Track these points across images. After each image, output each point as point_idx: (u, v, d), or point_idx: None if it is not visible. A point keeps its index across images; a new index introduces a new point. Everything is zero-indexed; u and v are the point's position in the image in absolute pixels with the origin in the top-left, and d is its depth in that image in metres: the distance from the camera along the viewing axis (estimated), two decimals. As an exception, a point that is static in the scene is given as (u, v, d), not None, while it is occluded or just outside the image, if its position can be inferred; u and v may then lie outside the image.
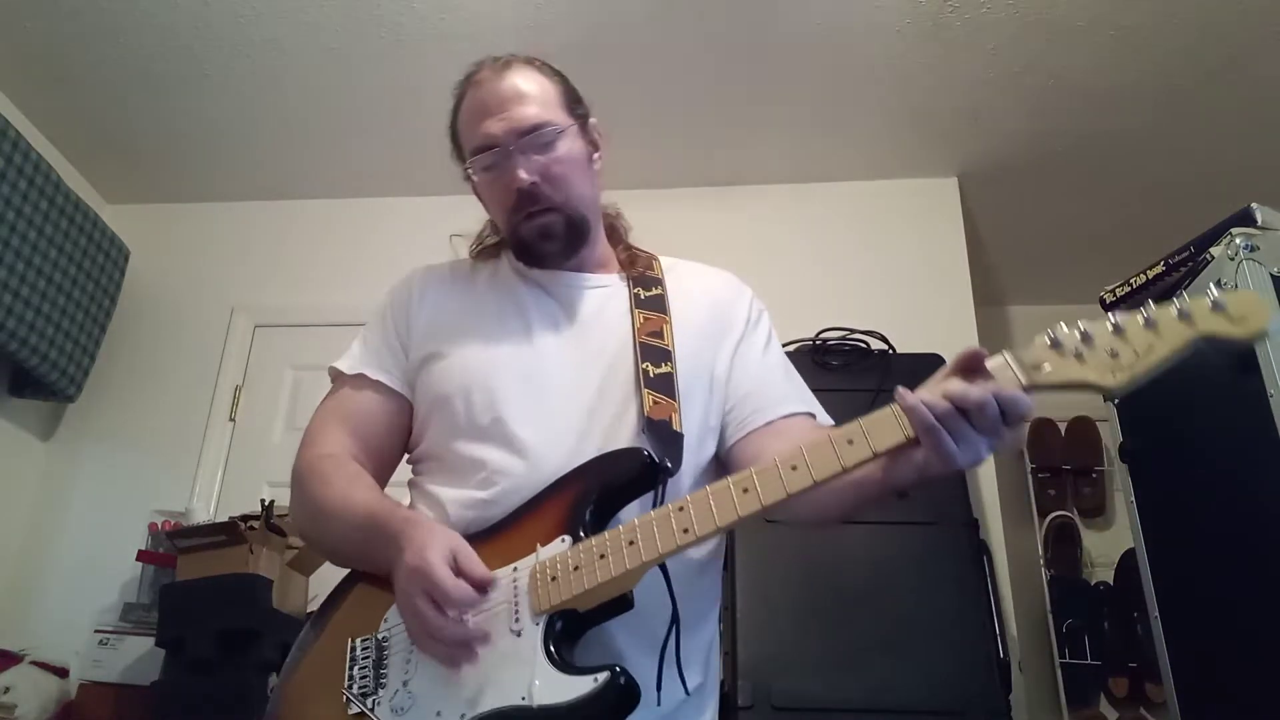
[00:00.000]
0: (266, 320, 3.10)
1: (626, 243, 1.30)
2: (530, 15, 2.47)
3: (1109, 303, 2.08)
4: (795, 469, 0.90)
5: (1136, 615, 2.83)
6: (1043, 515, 3.21)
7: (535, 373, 1.12)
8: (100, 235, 2.88)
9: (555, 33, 2.51)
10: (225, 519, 2.42)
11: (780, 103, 2.77)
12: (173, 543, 2.45)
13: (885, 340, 2.44)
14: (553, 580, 0.94)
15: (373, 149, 3.03)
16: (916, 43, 2.52)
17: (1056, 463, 3.28)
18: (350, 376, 1.20)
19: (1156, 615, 1.91)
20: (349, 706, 0.97)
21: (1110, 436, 2.13)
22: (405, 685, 0.95)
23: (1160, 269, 1.92)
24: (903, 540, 2.09)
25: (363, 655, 1.00)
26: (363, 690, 0.97)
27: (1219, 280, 1.71)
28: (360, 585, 1.09)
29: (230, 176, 3.20)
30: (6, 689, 2.32)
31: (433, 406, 1.15)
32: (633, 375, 1.11)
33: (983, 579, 2.16)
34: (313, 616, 1.12)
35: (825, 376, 2.39)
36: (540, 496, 1.03)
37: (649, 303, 1.19)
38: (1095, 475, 3.26)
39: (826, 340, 2.46)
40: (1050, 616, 3.05)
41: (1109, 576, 3.11)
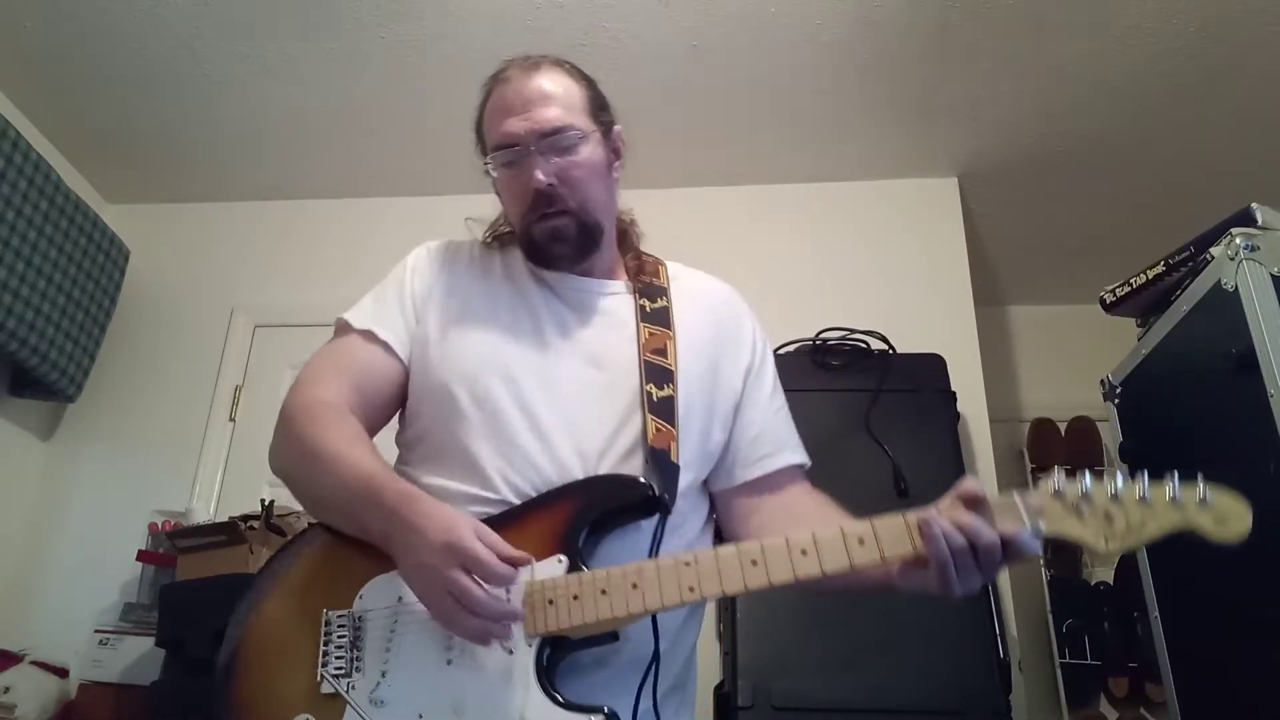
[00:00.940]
0: (266, 320, 3.10)
1: (636, 250, 1.29)
2: (529, 15, 2.47)
3: (1109, 303, 2.08)
4: (805, 554, 0.94)
5: (1136, 615, 2.83)
6: (1043, 515, 3.21)
7: (541, 374, 1.11)
8: (100, 235, 2.88)
9: (554, 33, 2.51)
10: (225, 519, 2.42)
11: (780, 102, 2.77)
12: (173, 543, 2.45)
13: (885, 340, 2.44)
14: (550, 604, 0.94)
15: (373, 149, 3.03)
16: (916, 43, 2.52)
17: (1056, 463, 3.28)
18: (359, 331, 1.17)
19: (1156, 615, 1.91)
20: (322, 685, 0.95)
21: (1110, 436, 2.13)
22: (384, 676, 0.94)
23: (1160, 269, 1.92)
24: (903, 540, 2.09)
25: (338, 632, 0.97)
26: (337, 671, 0.95)
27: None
28: (329, 542, 1.05)
29: (230, 176, 3.20)
30: (6, 689, 2.32)
31: (434, 390, 1.13)
32: (636, 393, 1.11)
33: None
34: (270, 565, 1.08)
35: (825, 376, 2.39)
36: (535, 504, 1.02)
37: (654, 316, 1.19)
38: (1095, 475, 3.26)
39: (826, 340, 2.46)
40: (1050, 616, 3.05)
41: (1109, 576, 3.10)
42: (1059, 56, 2.54)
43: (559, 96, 1.17)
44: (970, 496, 0.94)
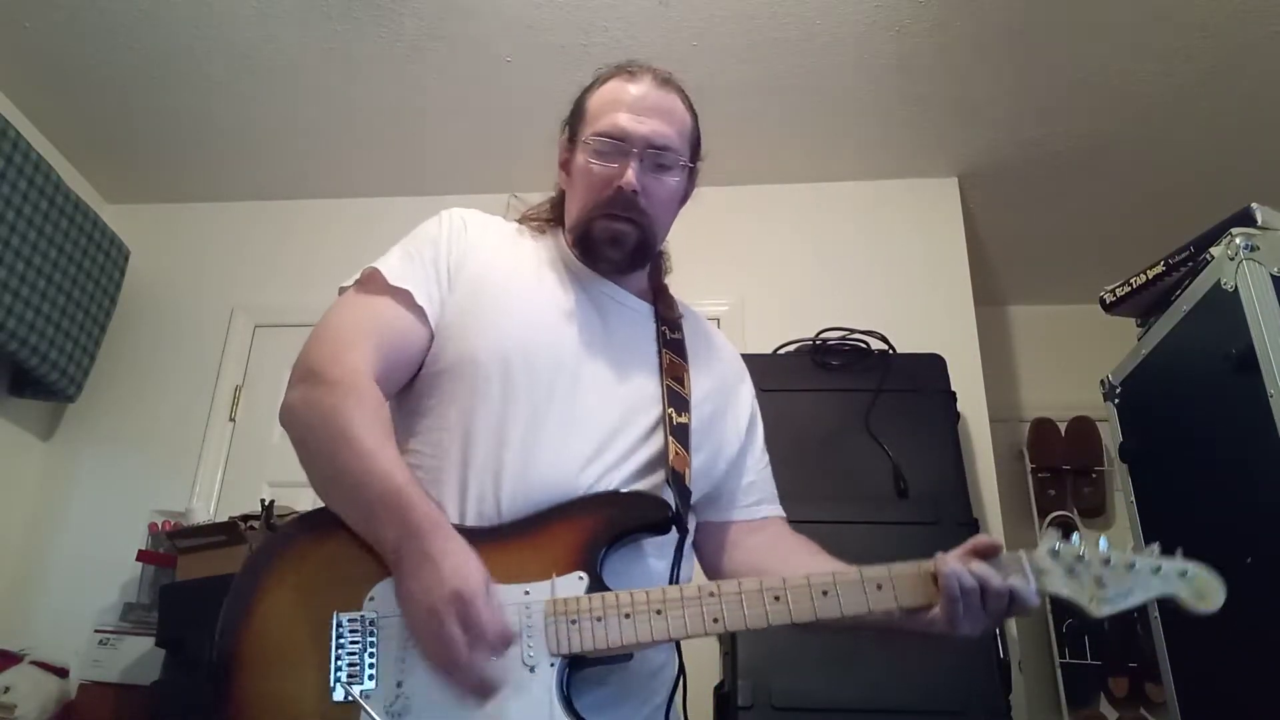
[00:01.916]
0: (266, 320, 3.10)
1: (661, 280, 1.32)
2: (530, 14, 2.47)
3: (1109, 303, 2.08)
4: (826, 595, 0.99)
5: (1136, 615, 2.83)
6: (1043, 515, 3.21)
7: (572, 370, 1.10)
8: (100, 235, 2.88)
9: (554, 32, 2.51)
10: (225, 519, 2.42)
11: (779, 102, 2.77)
12: (173, 543, 2.45)
13: (885, 340, 2.44)
14: (573, 624, 0.94)
15: (373, 149, 3.03)
16: (916, 43, 2.52)
17: (1056, 463, 3.28)
18: (394, 289, 1.12)
19: (1156, 615, 1.91)
20: (334, 691, 0.90)
21: (1110, 436, 2.13)
22: (400, 687, 0.90)
23: (1160, 269, 1.92)
24: (903, 540, 2.08)
25: (351, 638, 0.92)
26: (350, 678, 0.90)
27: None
28: (337, 536, 0.99)
29: (230, 176, 3.20)
30: (6, 689, 2.32)
31: (460, 364, 1.09)
32: (655, 411, 1.13)
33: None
34: (268, 547, 1.02)
35: (825, 376, 2.38)
36: (555, 513, 1.01)
37: (673, 345, 1.22)
38: (1095, 475, 3.26)
39: (826, 340, 2.45)
40: (1050, 616, 3.05)
41: (1109, 576, 3.10)
42: (1059, 56, 2.54)
43: (677, 120, 1.22)
44: (985, 548, 1.01)
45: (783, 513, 1.30)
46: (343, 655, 0.92)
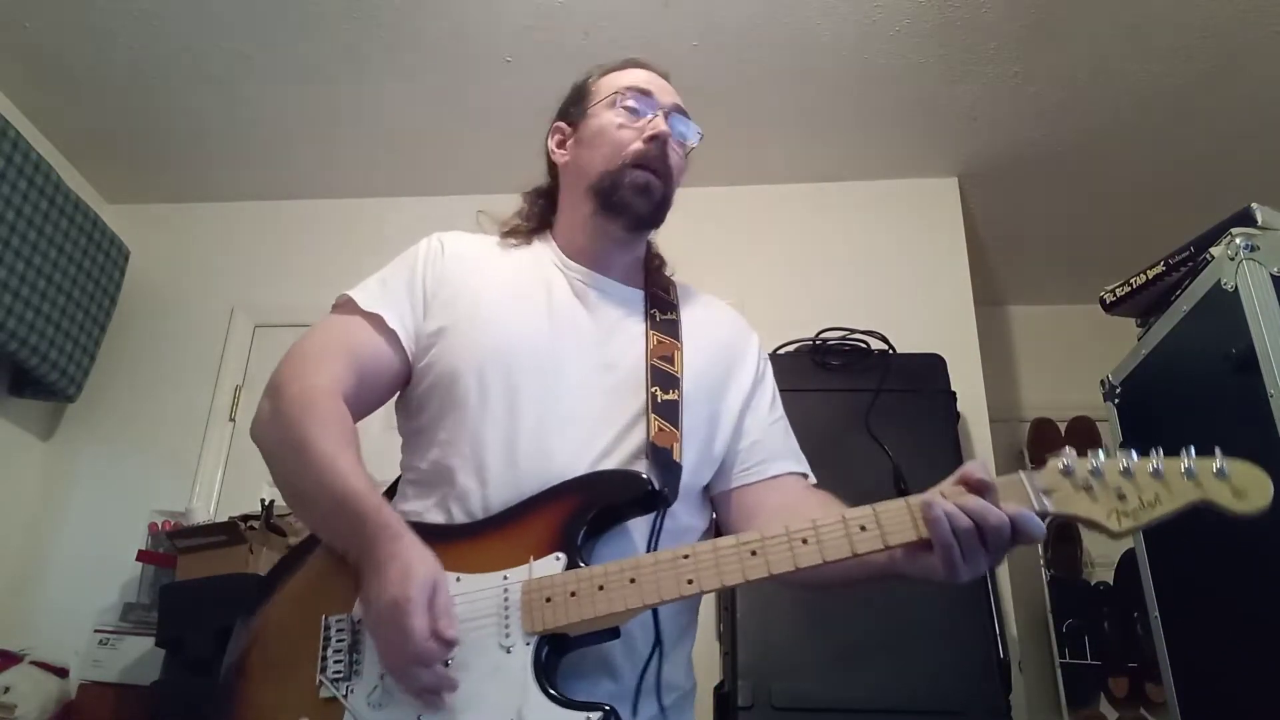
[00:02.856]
0: (266, 320, 3.10)
1: (654, 265, 1.33)
2: (530, 14, 2.47)
3: (1109, 303, 2.08)
4: (805, 543, 0.92)
5: (1136, 615, 2.83)
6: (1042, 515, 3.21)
7: (551, 369, 1.11)
8: (100, 235, 2.88)
9: (554, 32, 2.51)
10: (225, 519, 2.42)
11: (779, 102, 2.77)
12: (173, 543, 2.45)
13: (885, 340, 2.44)
14: (548, 602, 0.93)
15: (373, 149, 3.03)
16: (916, 43, 2.52)
17: (1056, 462, 3.28)
18: (366, 314, 1.15)
19: (1156, 615, 1.91)
20: (320, 689, 0.94)
21: (1110, 436, 2.13)
22: (383, 679, 0.93)
23: (1160, 269, 1.92)
24: (903, 540, 2.08)
25: (337, 637, 0.97)
26: (335, 675, 0.94)
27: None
28: (329, 552, 1.04)
29: (231, 176, 3.20)
30: (6, 689, 2.32)
31: (444, 378, 1.12)
32: (642, 395, 1.12)
33: (982, 579, 2.15)
34: (272, 575, 1.08)
35: (825, 376, 2.39)
36: (534, 501, 1.02)
37: (663, 326, 1.21)
38: (1095, 475, 3.26)
39: (826, 340, 2.45)
40: (1050, 616, 3.05)
41: (1109, 576, 3.10)
42: (1059, 56, 2.54)
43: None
44: (973, 481, 0.91)
45: (801, 468, 1.23)
46: (329, 655, 0.96)
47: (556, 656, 0.94)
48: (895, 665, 1.90)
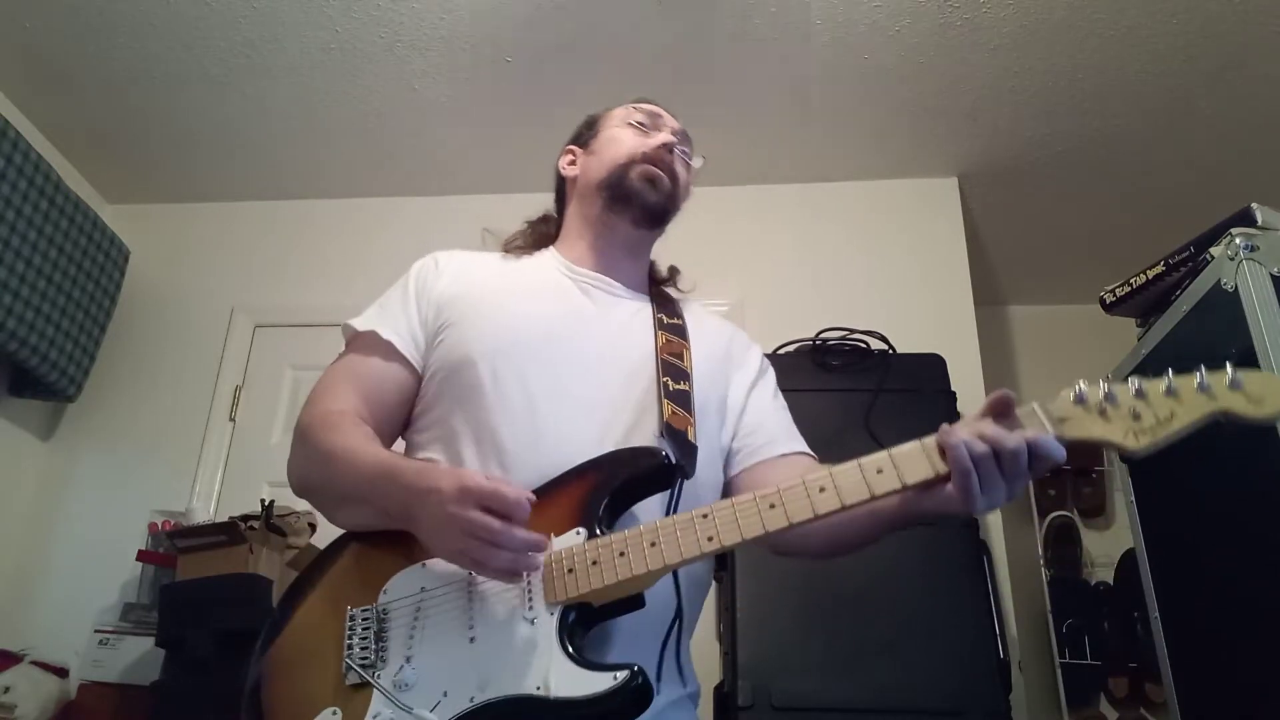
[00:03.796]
0: (266, 320, 3.10)
1: (660, 280, 1.38)
2: (530, 13, 2.47)
3: (1109, 303, 2.08)
4: (823, 490, 0.93)
5: (1136, 615, 2.83)
6: (1042, 515, 3.21)
7: (562, 358, 1.14)
8: (100, 235, 2.88)
9: (555, 32, 2.51)
10: (225, 519, 2.42)
11: (779, 103, 2.77)
12: (173, 543, 2.45)
13: (885, 340, 2.44)
14: (569, 572, 0.94)
15: (374, 149, 3.03)
16: (916, 43, 2.52)
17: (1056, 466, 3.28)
18: (363, 334, 1.20)
19: (1156, 615, 1.91)
20: (347, 676, 0.95)
21: (1110, 437, 2.13)
22: (409, 661, 0.94)
23: (1160, 269, 1.92)
24: (902, 540, 2.07)
25: (363, 626, 0.98)
26: (364, 661, 0.96)
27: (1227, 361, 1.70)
28: (355, 549, 1.07)
29: (230, 176, 3.20)
30: (6, 689, 2.32)
31: (455, 370, 1.14)
32: (653, 385, 1.15)
33: (982, 579, 2.15)
34: (297, 581, 1.09)
35: (825, 376, 2.38)
36: (555, 483, 1.03)
37: (671, 328, 1.25)
38: (1095, 475, 3.26)
39: (826, 340, 2.45)
40: (1050, 616, 3.04)
41: (1109, 576, 3.10)
42: (1059, 56, 2.54)
43: None
44: (1001, 402, 0.92)
45: (804, 449, 1.25)
46: (354, 643, 0.97)
47: (583, 629, 0.95)
48: (895, 665, 1.90)
